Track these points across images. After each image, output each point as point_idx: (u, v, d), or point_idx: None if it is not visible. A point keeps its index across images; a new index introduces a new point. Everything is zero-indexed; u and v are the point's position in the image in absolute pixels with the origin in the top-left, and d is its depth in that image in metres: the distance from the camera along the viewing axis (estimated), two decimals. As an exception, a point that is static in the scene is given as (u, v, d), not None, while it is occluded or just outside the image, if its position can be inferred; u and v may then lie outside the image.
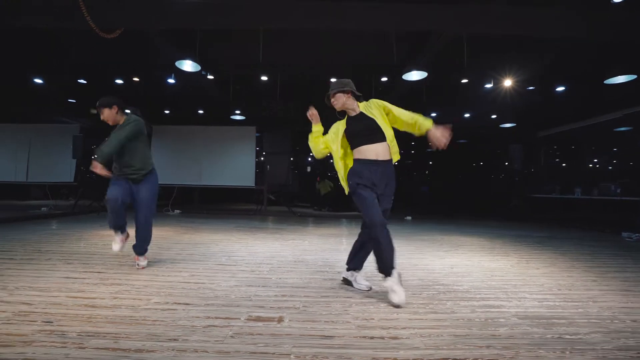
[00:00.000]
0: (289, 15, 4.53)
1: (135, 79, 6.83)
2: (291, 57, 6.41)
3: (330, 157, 2.66)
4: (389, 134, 2.45)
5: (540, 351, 1.61)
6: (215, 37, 5.72)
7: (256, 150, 9.64)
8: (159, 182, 3.16)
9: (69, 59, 5.94)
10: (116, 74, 6.71)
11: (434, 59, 5.33)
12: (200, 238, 4.86)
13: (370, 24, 4.53)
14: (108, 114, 2.89)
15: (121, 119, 2.94)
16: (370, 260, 2.45)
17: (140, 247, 3.03)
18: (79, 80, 6.90)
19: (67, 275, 2.75)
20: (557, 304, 2.30)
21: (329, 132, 2.63)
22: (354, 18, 4.51)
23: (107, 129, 3.00)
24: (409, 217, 8.68)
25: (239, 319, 1.95)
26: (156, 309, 2.06)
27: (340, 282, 2.72)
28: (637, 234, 5.34)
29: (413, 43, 5.40)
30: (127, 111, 3.06)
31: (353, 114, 2.54)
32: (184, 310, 2.06)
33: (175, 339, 1.67)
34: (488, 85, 6.02)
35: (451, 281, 2.84)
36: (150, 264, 3.15)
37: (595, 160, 9.07)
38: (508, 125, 8.64)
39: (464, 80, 5.91)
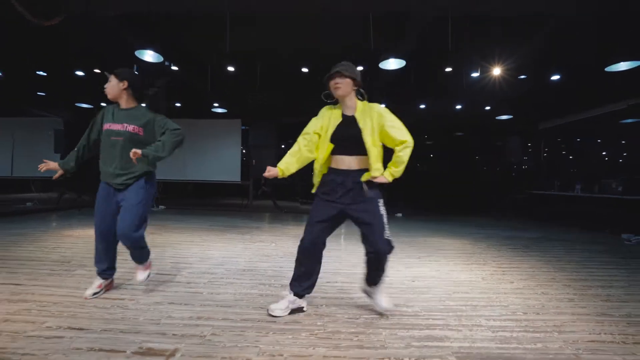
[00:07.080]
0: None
1: (97, 70, 6.55)
2: (263, 44, 6.03)
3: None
4: (373, 152, 2.02)
5: (462, 412, 1.29)
6: (182, 24, 5.36)
7: (244, 143, 9.36)
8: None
9: (25, 50, 5.64)
10: (76, 65, 6.41)
11: (414, 45, 4.90)
12: (163, 239, 4.61)
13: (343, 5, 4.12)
14: (113, 86, 2.40)
15: (131, 103, 2.45)
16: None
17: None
18: (37, 72, 6.65)
19: (-20, 287, 2.52)
20: (514, 335, 1.97)
21: (316, 122, 2.14)
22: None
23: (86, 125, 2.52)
24: (399, 214, 8.31)
25: (125, 352, 1.67)
26: (40, 337, 1.80)
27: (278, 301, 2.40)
28: (637, 236, 4.89)
29: (392, 29, 4.96)
30: (142, 104, 2.53)
31: (348, 113, 2.09)
32: (70, 339, 1.79)
33: (25, 385, 1.40)
34: (475, 75, 5.55)
35: (404, 300, 2.51)
36: (82, 275, 2.92)
37: (599, 154, 8.52)
38: (504, 117, 8.15)
39: (448, 69, 5.46)
